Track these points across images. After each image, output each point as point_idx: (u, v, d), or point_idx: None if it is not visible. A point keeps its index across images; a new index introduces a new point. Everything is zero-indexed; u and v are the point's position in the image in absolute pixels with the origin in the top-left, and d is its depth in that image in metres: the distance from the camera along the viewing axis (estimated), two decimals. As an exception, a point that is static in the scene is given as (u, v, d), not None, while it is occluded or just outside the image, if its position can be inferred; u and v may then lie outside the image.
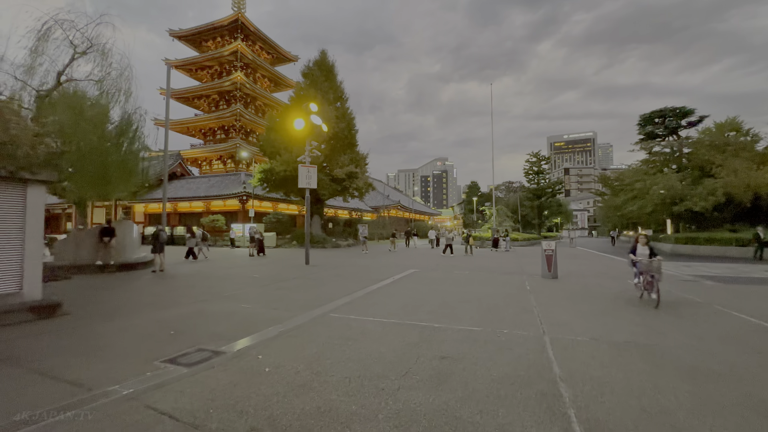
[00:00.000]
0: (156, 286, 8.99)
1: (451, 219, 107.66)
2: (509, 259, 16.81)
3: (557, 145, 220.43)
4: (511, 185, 63.83)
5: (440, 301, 6.95)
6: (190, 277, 10.51)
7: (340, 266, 13.40)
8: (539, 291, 8.10)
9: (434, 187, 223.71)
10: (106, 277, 10.12)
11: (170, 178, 37.15)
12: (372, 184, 29.99)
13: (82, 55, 9.91)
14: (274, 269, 12.43)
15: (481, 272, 11.58)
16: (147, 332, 4.91)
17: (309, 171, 13.76)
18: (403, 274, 11.04)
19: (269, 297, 7.46)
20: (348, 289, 8.32)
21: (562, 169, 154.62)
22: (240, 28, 49.13)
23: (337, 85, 29.56)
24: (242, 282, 9.49)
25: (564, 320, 5.49)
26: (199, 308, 6.37)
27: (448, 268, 12.89)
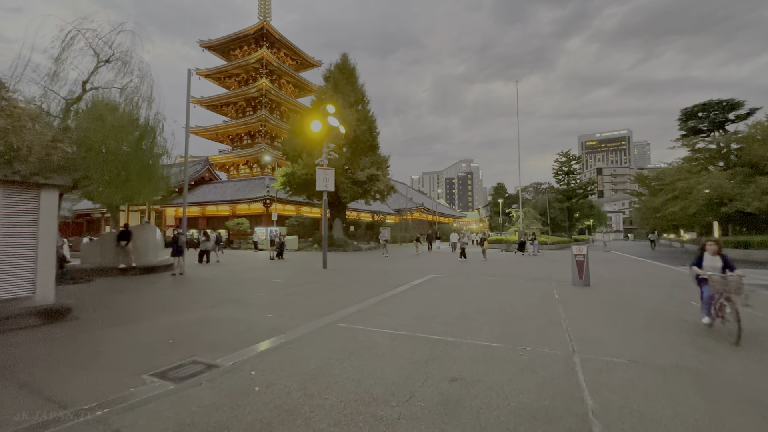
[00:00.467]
0: (171, 289, 8.99)
1: (476, 221, 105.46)
2: (536, 264, 15.89)
3: (589, 144, 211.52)
4: (539, 186, 61.60)
5: (457, 310, 6.43)
6: (206, 280, 10.51)
7: (358, 270, 13.07)
8: (569, 301, 7.39)
9: (459, 189, 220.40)
10: (126, 280, 10.30)
11: (198, 183, 38.47)
12: (394, 187, 29.62)
13: (105, 63, 10.17)
14: (290, 273, 12.28)
15: (505, 278, 10.89)
16: (147, 340, 4.74)
17: (326, 173, 13.57)
18: (421, 279, 10.55)
19: (279, 303, 7.22)
20: (361, 295, 7.95)
21: (594, 169, 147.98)
22: (265, 36, 50.37)
23: (358, 87, 29.50)
24: (255, 286, 9.34)
25: (597, 336, 4.85)
26: (206, 314, 6.20)
27: (470, 273, 12.27)
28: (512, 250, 25.84)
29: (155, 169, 11.45)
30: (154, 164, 11.31)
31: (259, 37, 50.29)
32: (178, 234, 11.45)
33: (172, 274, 11.28)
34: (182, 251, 11.40)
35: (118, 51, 10.10)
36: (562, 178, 44.45)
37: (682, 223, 33.35)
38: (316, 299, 7.56)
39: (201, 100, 51.80)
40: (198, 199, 34.80)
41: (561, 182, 44.88)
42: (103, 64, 10.17)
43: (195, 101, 52.19)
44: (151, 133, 11.29)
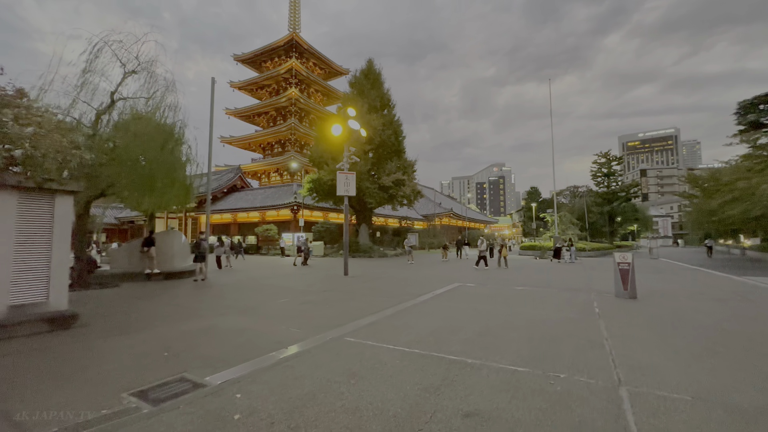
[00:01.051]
0: (187, 296, 8.93)
1: (509, 227, 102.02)
2: (573, 273, 14.66)
3: (631, 145, 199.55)
4: (576, 190, 58.45)
5: (481, 325, 5.76)
6: (224, 287, 10.43)
7: (379, 278, 12.59)
8: (612, 316, 6.48)
9: (491, 194, 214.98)
10: (149, 286, 10.42)
11: (231, 191, 39.75)
12: (420, 192, 29.00)
13: (131, 74, 10.46)
14: (310, 280, 12.00)
15: (537, 288, 9.98)
16: (144, 351, 4.50)
17: (347, 178, 13.27)
18: (444, 288, 9.89)
19: (290, 312, 6.87)
20: (378, 305, 7.45)
21: (637, 171, 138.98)
22: (294, 47, 51.75)
23: (384, 92, 29.32)
24: (271, 293, 9.10)
25: (649, 362, 4.04)
26: (213, 323, 5.95)
27: (499, 282, 11.41)
28: (547, 257, 24.34)
29: (179, 177, 11.61)
30: (178, 172, 11.47)
31: (289, 48, 51.73)
32: (200, 240, 11.52)
33: (194, 280, 11.35)
34: (204, 257, 11.45)
35: (144, 61, 10.36)
36: (602, 180, 41.72)
37: (742, 227, 30.10)
38: (329, 309, 7.15)
39: (235, 111, 53.93)
40: (230, 206, 35.91)
41: (600, 185, 42.15)
42: (130, 75, 10.47)
43: (229, 112, 54.47)
44: (174, 142, 11.48)
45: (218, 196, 39.07)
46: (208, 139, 12.63)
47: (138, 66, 10.36)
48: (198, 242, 11.44)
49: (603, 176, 41.33)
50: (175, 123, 11.75)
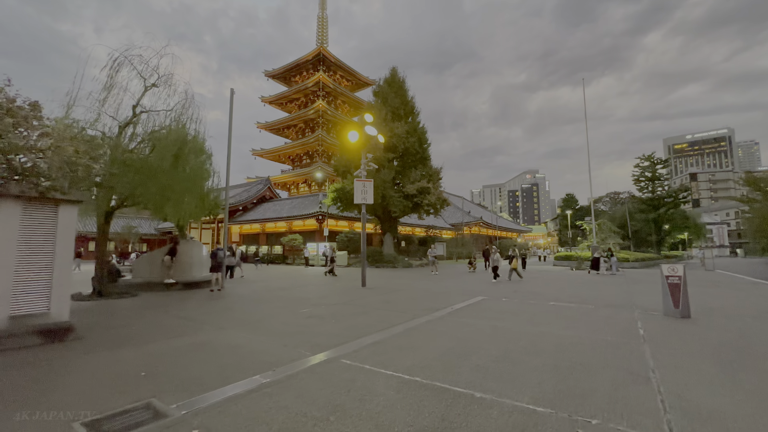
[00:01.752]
0: (196, 307, 8.75)
1: (543, 236, 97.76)
2: (614, 286, 13.28)
3: (678, 148, 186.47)
4: (617, 196, 54.93)
5: (499, 348, 5.02)
6: (237, 298, 10.24)
7: (398, 290, 11.96)
8: (660, 340, 5.50)
9: (524, 202, 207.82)
10: (165, 296, 10.43)
11: (260, 201, 40.74)
12: (447, 200, 28.12)
13: (152, 87, 10.71)
14: (326, 291, 11.60)
15: (571, 304, 8.95)
16: (123, 370, 4.19)
17: (365, 185, 12.87)
18: (465, 302, 9.11)
19: (293, 327, 6.43)
20: (388, 321, 6.86)
21: (686, 175, 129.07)
22: (322, 61, 52.98)
23: (408, 100, 29.01)
24: (281, 306, 8.75)
25: (712, 406, 3.18)
26: (209, 338, 5.62)
27: (528, 296, 10.43)
28: (584, 269, 22.59)
29: (197, 188, 11.69)
30: (196, 183, 11.56)
31: (317, 62, 53.03)
32: (216, 250, 11.50)
33: (210, 291, 11.28)
34: (220, 267, 11.39)
35: (163, 75, 10.59)
36: (645, 185, 38.68)
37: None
38: (335, 324, 6.64)
39: (266, 124, 55.79)
40: (258, 217, 36.73)
41: (644, 190, 39.08)
42: (150, 88, 10.73)
43: (260, 126, 56.41)
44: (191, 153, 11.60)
45: (248, 206, 40.18)
46: (227, 150, 12.72)
47: (158, 79, 10.61)
48: (214, 252, 11.42)
49: (647, 180, 38.30)
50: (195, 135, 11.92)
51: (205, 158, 12.00)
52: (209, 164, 12.72)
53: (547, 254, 47.29)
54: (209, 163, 12.77)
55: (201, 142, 11.99)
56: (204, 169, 11.71)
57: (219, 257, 11.33)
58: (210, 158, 12.46)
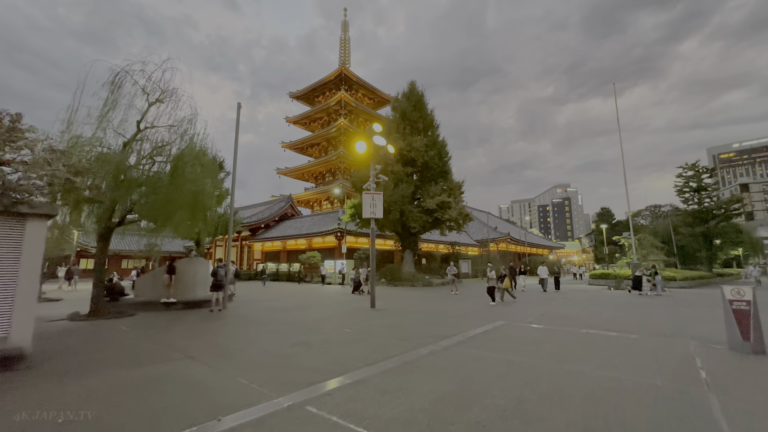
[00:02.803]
0: (182, 330, 8.10)
1: (577, 252, 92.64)
2: (661, 309, 11.52)
3: (724, 157, 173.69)
4: (657, 209, 51.10)
5: (511, 394, 3.91)
6: (233, 319, 9.55)
7: (409, 312, 10.89)
8: (731, 386, 4.17)
9: (555, 217, 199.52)
10: (161, 316, 9.93)
11: (281, 219, 40.98)
12: (469, 215, 26.81)
13: (156, 102, 10.59)
14: (330, 313, 10.71)
15: (609, 332, 7.55)
16: (39, 416, 3.47)
17: (374, 199, 12.10)
18: (482, 328, 7.93)
19: (271, 358, 5.58)
20: (385, 351, 5.87)
21: (736, 186, 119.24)
22: (344, 80, 53.93)
23: (427, 113, 28.40)
24: (273, 330, 7.95)
25: None
26: (169, 370, 4.88)
27: (556, 320, 9.06)
28: (624, 288, 20.41)
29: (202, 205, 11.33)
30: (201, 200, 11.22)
31: (339, 81, 54.04)
32: (217, 267, 10.98)
33: (209, 311, 10.71)
34: (222, 286, 10.83)
35: (166, 90, 10.46)
36: (691, 196, 35.41)
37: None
38: (321, 355, 5.73)
39: (290, 144, 57.03)
40: (280, 234, 36.79)
41: (689, 201, 35.79)
42: (155, 104, 10.61)
43: (284, 145, 57.72)
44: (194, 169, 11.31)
45: (270, 224, 40.49)
46: (232, 164, 12.41)
47: (161, 95, 10.48)
48: (215, 270, 10.91)
49: (692, 191, 35.06)
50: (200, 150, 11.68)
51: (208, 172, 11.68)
52: (215, 179, 12.43)
53: (583, 272, 44.14)
54: (216, 177, 12.49)
55: (207, 158, 11.73)
56: (207, 183, 11.35)
57: (219, 275, 10.80)
58: (217, 173, 12.18)
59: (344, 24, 62.24)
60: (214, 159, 19.45)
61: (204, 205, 11.39)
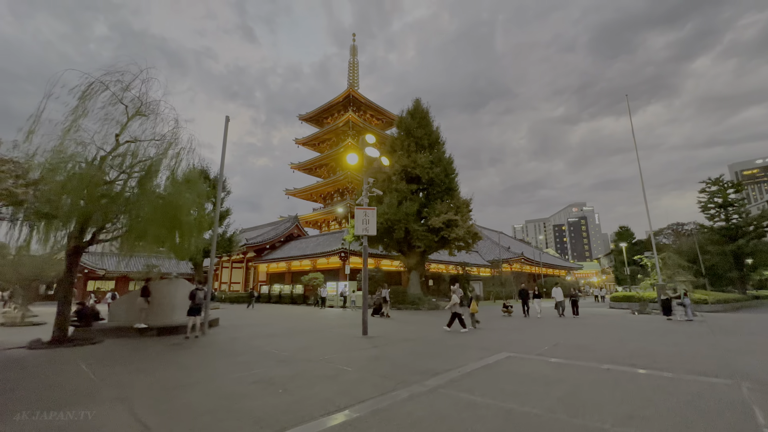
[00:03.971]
0: (139, 361, 7.17)
1: (596, 273, 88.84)
2: (696, 339, 10.02)
3: (748, 174, 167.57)
4: (680, 228, 48.60)
5: (502, 470, 2.80)
6: (205, 347, 8.58)
7: (404, 340, 9.73)
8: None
9: (572, 236, 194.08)
10: (130, 343, 9.03)
11: (287, 239, 40.40)
12: (478, 233, 25.56)
13: (135, 115, 10.14)
14: (313, 341, 9.63)
15: (635, 369, 6.27)
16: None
17: (366, 214, 11.22)
18: (482, 361, 6.75)
19: (216, 401, 4.56)
20: (357, 393, 4.80)
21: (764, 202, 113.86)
22: (352, 102, 54.48)
23: (433, 130, 27.85)
24: (240, 362, 6.94)
25: None
26: (79, 418, 3.93)
27: (571, 352, 7.78)
28: (649, 312, 18.62)
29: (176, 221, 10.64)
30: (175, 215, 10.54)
31: (347, 103, 54.61)
32: (195, 290, 10.10)
33: (185, 337, 9.78)
34: (199, 310, 9.93)
35: (147, 102, 10.02)
36: (717, 212, 33.32)
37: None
38: (276, 397, 4.69)
39: (299, 165, 57.32)
40: (284, 255, 36.07)
41: (715, 218, 33.65)
42: (134, 117, 10.16)
43: (294, 166, 58.04)
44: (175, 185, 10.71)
45: (276, 245, 39.91)
46: (217, 180, 11.77)
47: (141, 107, 10.04)
48: (193, 292, 10.03)
49: (717, 207, 33.00)
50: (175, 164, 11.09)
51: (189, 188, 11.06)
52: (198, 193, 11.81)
53: (605, 294, 41.69)
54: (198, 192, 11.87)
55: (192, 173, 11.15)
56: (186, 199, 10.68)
57: (198, 299, 9.91)
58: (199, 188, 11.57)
59: (353, 48, 63.64)
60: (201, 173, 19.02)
61: (182, 221, 10.69)
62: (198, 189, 11.98)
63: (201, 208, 12.68)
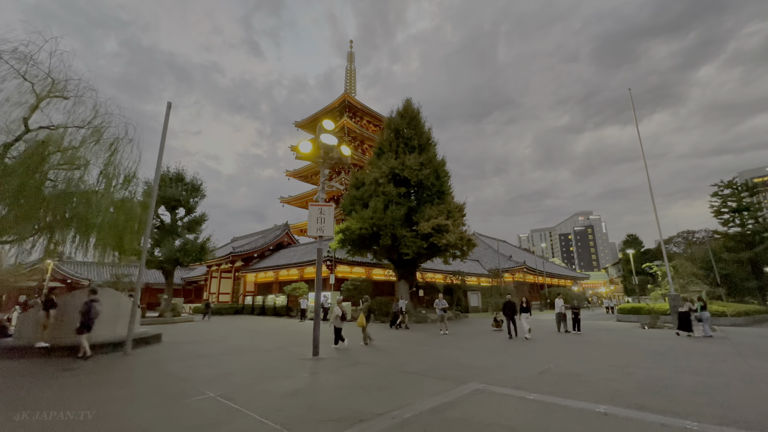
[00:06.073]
0: (14, 391, 5.49)
1: (604, 283, 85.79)
2: (720, 363, 8.09)
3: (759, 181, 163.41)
4: (691, 236, 46.20)
5: None
6: (104, 373, 6.86)
7: (357, 364, 7.95)
8: None
9: (579, 246, 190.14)
10: (16, 367, 7.33)
11: (277, 248, 38.78)
12: (472, 240, 23.71)
13: (50, 96, 8.68)
14: (246, 364, 7.87)
15: (645, 414, 4.45)
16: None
17: (322, 212, 9.58)
18: (436, 399, 4.96)
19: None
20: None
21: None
22: (348, 108, 53.40)
23: (424, 131, 26.29)
24: (125, 397, 5.21)
25: None
26: None
27: (560, 385, 5.94)
28: (660, 326, 16.55)
29: (79, 218, 9.07)
30: (88, 214, 8.98)
31: (342, 108, 53.53)
32: (91, 302, 8.25)
33: (78, 357, 8.03)
34: (89, 325, 8.15)
35: (59, 80, 8.57)
36: (731, 217, 31.15)
37: None
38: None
39: (294, 172, 56.07)
40: (272, 264, 34.42)
41: (729, 223, 31.45)
42: (48, 98, 8.70)
43: (289, 174, 56.82)
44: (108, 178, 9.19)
45: (265, 254, 38.30)
46: (155, 175, 10.21)
47: (53, 85, 8.58)
48: (87, 305, 8.15)
49: (731, 212, 30.84)
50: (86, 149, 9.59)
51: (112, 180, 9.53)
52: (129, 191, 10.29)
53: (614, 304, 39.28)
54: (129, 190, 10.35)
55: (111, 169, 9.62)
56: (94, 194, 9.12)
57: (92, 313, 8.11)
58: (133, 188, 10.06)
59: (350, 55, 63.03)
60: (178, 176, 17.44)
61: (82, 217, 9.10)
62: (130, 186, 10.46)
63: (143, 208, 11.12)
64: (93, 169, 9.98)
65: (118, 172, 10.38)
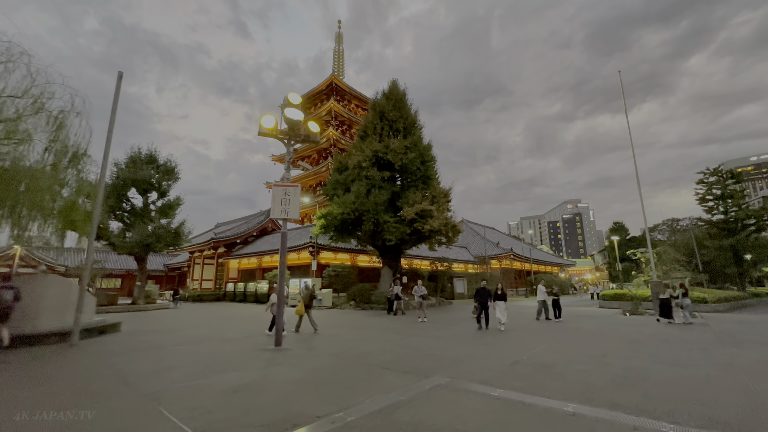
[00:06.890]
0: None
1: (590, 270, 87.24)
2: (699, 352, 7.78)
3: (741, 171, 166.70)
4: (676, 224, 46.68)
5: None
6: (38, 367, 6.19)
7: (318, 356, 7.42)
8: None
9: (566, 233, 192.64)
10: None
11: (261, 234, 37.96)
12: (457, 226, 23.27)
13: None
14: (197, 356, 7.28)
15: (619, 413, 4.00)
16: None
17: (287, 192, 8.88)
18: (390, 397, 4.44)
19: None
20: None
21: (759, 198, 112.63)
22: (335, 90, 51.91)
23: (410, 114, 25.45)
24: (42, 394, 4.58)
25: None
26: None
27: (531, 379, 5.49)
28: (641, 312, 16.45)
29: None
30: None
31: (330, 91, 52.04)
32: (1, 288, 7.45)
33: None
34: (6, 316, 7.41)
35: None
36: (715, 204, 31.29)
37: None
38: None
39: (279, 156, 54.73)
40: (255, 250, 33.65)
41: (713, 210, 31.62)
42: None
43: (275, 158, 55.45)
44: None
45: (249, 240, 37.45)
46: (104, 148, 9.32)
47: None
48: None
49: (716, 199, 30.97)
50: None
51: (61, 158, 8.67)
52: (77, 170, 9.44)
53: (599, 291, 39.67)
54: (79, 168, 9.50)
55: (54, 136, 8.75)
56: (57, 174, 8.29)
57: (3, 301, 7.37)
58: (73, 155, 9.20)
59: (338, 36, 61.07)
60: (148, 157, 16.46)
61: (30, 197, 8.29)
62: (79, 164, 9.61)
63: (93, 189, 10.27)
64: (38, 145, 9.12)
65: (65, 149, 9.53)
